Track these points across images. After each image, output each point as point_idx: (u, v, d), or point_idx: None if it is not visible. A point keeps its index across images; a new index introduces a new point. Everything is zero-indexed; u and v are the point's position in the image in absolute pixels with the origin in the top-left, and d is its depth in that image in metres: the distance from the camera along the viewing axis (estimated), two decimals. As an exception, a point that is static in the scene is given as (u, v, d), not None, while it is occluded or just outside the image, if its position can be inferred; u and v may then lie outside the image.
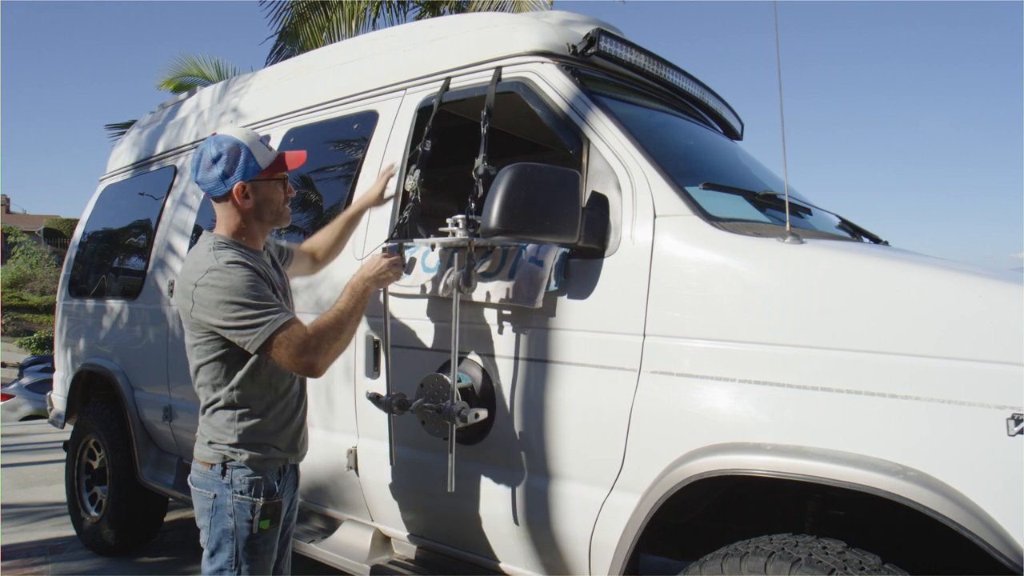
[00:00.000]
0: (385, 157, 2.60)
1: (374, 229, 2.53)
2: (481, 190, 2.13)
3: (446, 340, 2.27)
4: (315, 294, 2.70)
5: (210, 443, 1.91)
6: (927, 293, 1.57)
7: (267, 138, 3.21)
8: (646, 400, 1.83)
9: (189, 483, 1.96)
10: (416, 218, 2.40)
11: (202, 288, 1.79)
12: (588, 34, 2.32)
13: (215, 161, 1.87)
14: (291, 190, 2.02)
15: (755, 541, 1.62)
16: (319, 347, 1.81)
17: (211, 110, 3.77)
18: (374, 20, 8.62)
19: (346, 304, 1.94)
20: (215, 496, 1.88)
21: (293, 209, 3.06)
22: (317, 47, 6.40)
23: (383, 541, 2.59)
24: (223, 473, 1.88)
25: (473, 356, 2.21)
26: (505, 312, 2.15)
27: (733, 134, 3.26)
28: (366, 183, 2.63)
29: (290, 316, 1.83)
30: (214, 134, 1.94)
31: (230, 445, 1.89)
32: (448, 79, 2.49)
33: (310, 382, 2.72)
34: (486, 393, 2.15)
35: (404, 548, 2.54)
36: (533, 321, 2.08)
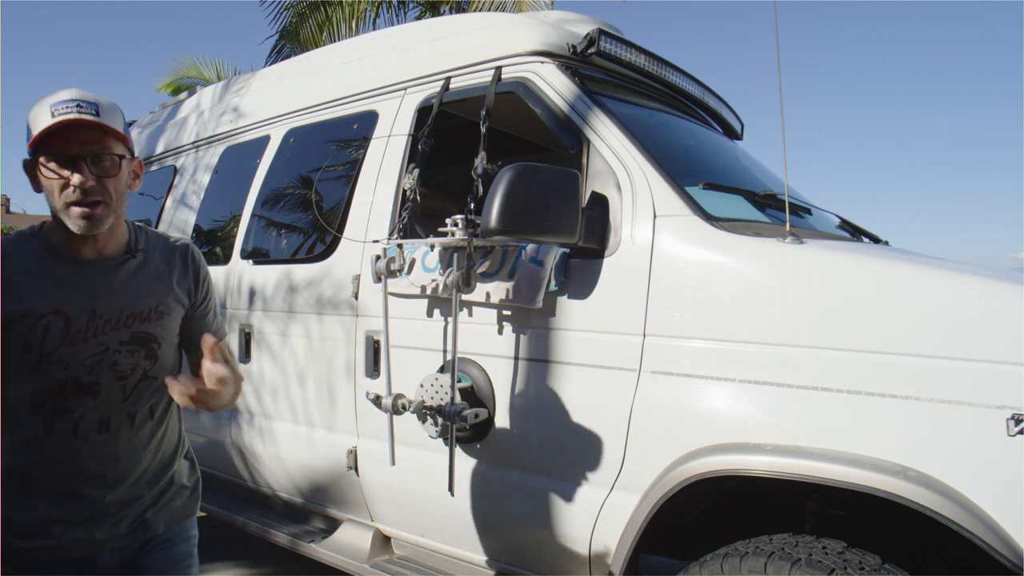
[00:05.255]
0: (385, 157, 2.60)
1: (375, 229, 2.53)
2: (481, 190, 2.13)
3: (446, 340, 2.28)
4: (316, 291, 2.69)
5: None
6: (927, 293, 1.57)
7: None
8: (646, 400, 1.83)
9: None
10: (415, 218, 2.40)
11: None
12: (588, 34, 2.32)
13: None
14: (86, 178, 1.31)
15: (755, 541, 1.62)
16: None
17: (211, 110, 3.77)
18: (374, 20, 8.63)
19: None
20: None
21: (293, 209, 3.06)
22: (317, 47, 6.40)
23: (383, 541, 2.59)
24: None
25: (473, 356, 2.21)
26: (505, 312, 2.15)
27: (733, 134, 3.27)
28: (366, 183, 2.63)
29: None
30: None
31: None
32: (448, 79, 2.49)
33: (312, 382, 2.73)
34: (486, 393, 2.15)
35: (404, 548, 2.54)
36: (533, 321, 2.08)
